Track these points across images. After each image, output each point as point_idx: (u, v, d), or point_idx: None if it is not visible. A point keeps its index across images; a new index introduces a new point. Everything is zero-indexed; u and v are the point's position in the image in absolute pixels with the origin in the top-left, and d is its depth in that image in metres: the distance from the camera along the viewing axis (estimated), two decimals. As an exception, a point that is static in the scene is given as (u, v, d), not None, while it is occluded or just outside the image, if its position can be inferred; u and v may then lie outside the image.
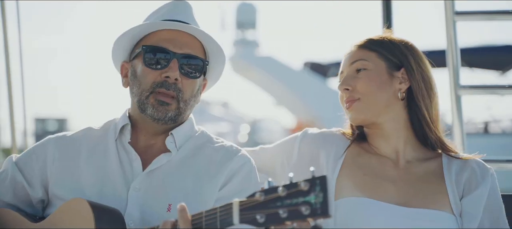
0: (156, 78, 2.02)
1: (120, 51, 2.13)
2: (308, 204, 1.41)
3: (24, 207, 2.11)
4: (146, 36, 2.08)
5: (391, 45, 2.18)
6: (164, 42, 2.03)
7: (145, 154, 2.06)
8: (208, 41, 2.10)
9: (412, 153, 2.16)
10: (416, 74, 2.14)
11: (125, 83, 2.14)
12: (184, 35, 2.06)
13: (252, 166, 2.10)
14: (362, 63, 2.15)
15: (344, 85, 2.16)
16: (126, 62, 2.14)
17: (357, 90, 2.13)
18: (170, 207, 1.94)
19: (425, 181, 2.10)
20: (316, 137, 2.26)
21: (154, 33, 2.07)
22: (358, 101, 2.12)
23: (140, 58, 2.06)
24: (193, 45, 2.07)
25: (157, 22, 2.06)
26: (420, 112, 2.13)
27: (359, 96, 2.12)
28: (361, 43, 2.20)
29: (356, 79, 2.14)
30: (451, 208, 2.04)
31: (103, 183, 2.01)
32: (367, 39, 2.21)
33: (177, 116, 2.04)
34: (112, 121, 2.18)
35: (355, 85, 2.13)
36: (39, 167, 2.09)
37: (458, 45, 3.16)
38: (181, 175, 2.02)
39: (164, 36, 2.05)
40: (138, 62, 2.07)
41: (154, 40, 2.05)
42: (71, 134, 2.17)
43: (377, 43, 2.19)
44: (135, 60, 2.09)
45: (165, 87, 2.01)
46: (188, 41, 2.06)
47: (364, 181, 2.09)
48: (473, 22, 3.28)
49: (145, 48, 2.04)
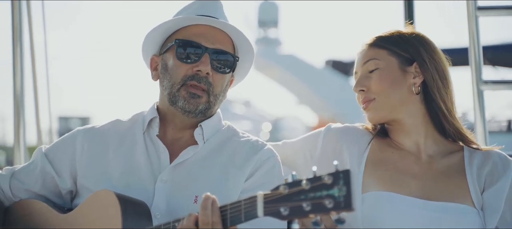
0: (188, 72, 2.05)
1: (151, 45, 2.17)
2: (332, 197, 1.43)
3: (53, 197, 2.16)
4: (178, 30, 2.12)
5: (401, 40, 2.19)
6: (196, 37, 2.07)
7: (173, 147, 2.09)
8: (238, 37, 2.14)
9: (434, 147, 2.17)
10: (429, 67, 2.15)
11: (154, 76, 2.18)
12: (215, 30, 2.10)
13: (277, 160, 2.13)
14: (374, 62, 2.17)
15: (358, 87, 2.19)
16: (156, 55, 2.18)
17: (371, 90, 2.16)
18: (196, 199, 1.98)
19: (447, 175, 2.11)
20: (340, 131, 2.28)
21: (186, 28, 2.11)
22: (373, 101, 2.15)
23: (172, 51, 2.09)
24: (224, 41, 2.11)
25: (191, 16, 2.09)
26: (436, 105, 2.14)
27: (374, 96, 2.15)
28: (371, 41, 2.22)
29: (369, 79, 2.16)
30: (473, 201, 2.06)
31: (130, 175, 2.05)
32: (377, 36, 2.23)
33: (207, 110, 2.08)
34: (140, 113, 2.22)
35: (369, 85, 2.16)
36: (68, 158, 2.14)
37: (481, 40, 3.15)
38: (207, 167, 2.06)
39: (196, 31, 2.09)
40: (170, 55, 2.10)
41: (186, 34, 2.09)
42: (100, 126, 2.21)
43: (387, 39, 2.20)
44: (166, 53, 2.13)
45: (197, 80, 2.04)
46: (220, 37, 2.10)
47: (387, 176, 2.11)
48: (495, 17, 3.26)
49: (178, 42, 2.08)
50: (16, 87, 3.26)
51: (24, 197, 2.15)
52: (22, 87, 3.27)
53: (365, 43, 2.24)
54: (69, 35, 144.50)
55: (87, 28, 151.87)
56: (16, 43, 3.27)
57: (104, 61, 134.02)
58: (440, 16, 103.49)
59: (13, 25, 3.28)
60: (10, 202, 2.16)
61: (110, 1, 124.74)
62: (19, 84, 3.27)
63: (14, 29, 3.27)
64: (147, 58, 2.21)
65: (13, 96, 3.27)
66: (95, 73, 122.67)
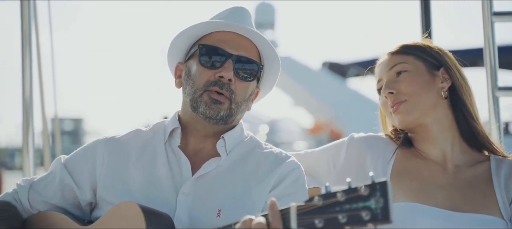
0: (210, 78, 2.01)
1: (176, 52, 2.14)
2: (369, 209, 1.38)
3: (72, 209, 2.11)
4: (203, 37, 2.09)
5: (426, 48, 2.19)
6: (220, 43, 2.03)
7: (194, 158, 2.05)
8: (264, 46, 2.10)
9: (460, 156, 2.14)
10: (455, 72, 2.15)
11: (178, 83, 2.14)
12: (241, 38, 2.06)
13: (302, 172, 2.09)
14: (402, 66, 2.15)
15: (387, 89, 2.14)
16: (181, 63, 2.15)
17: (402, 92, 2.11)
18: (219, 213, 1.93)
19: (474, 186, 2.08)
20: (363, 141, 2.24)
21: (211, 34, 2.07)
22: (404, 102, 2.10)
23: (196, 57, 2.06)
24: (249, 49, 2.07)
25: (215, 21, 2.06)
26: (465, 109, 2.12)
27: (405, 98, 2.11)
28: (395, 49, 2.21)
29: (398, 82, 2.13)
30: (501, 213, 2.02)
31: (151, 186, 2.00)
32: (401, 45, 2.21)
33: (228, 117, 2.03)
34: (161, 123, 2.17)
35: (399, 87, 2.12)
36: (88, 169, 2.09)
37: (496, 46, 3.12)
38: (230, 180, 2.01)
39: (221, 37, 2.05)
40: (193, 61, 2.07)
41: (210, 40, 2.06)
42: (120, 136, 2.16)
43: (412, 47, 2.20)
44: (190, 60, 2.09)
45: (219, 86, 2.00)
46: (245, 44, 2.06)
47: (413, 186, 2.08)
48: (510, 23, 3.23)
49: (201, 47, 2.04)
50: (25, 91, 3.21)
51: (42, 209, 2.10)
52: (31, 90, 3.22)
53: (388, 52, 2.22)
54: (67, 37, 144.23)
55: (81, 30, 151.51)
56: (25, 47, 3.21)
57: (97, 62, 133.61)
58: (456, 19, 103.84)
59: (22, 28, 3.22)
60: (29, 214, 2.11)
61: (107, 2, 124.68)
62: (28, 88, 3.21)
63: (23, 33, 3.22)
64: (173, 66, 2.17)
65: (22, 99, 3.21)
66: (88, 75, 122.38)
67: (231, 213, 1.93)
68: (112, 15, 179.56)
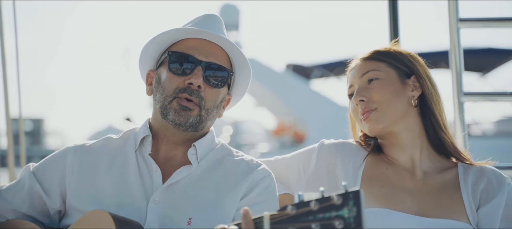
0: (180, 84, 2.00)
1: (148, 59, 2.12)
2: (342, 218, 1.38)
3: (41, 218, 2.08)
4: (174, 44, 2.08)
5: (398, 55, 2.19)
6: (190, 50, 2.02)
7: (165, 166, 2.03)
8: (234, 53, 2.09)
9: (428, 163, 2.15)
10: (426, 81, 2.16)
11: (148, 91, 2.13)
12: (211, 44, 2.05)
13: (272, 180, 2.09)
14: (374, 73, 2.15)
15: (358, 97, 2.14)
16: (152, 71, 2.13)
17: (373, 100, 2.12)
18: (190, 221, 1.92)
19: (442, 191, 2.10)
20: (333, 147, 2.24)
21: (182, 41, 2.06)
22: (375, 111, 2.11)
23: (166, 64, 2.05)
24: (219, 55, 2.06)
25: (182, 28, 2.05)
26: (434, 118, 2.14)
27: (376, 106, 2.11)
28: (368, 55, 2.21)
29: (369, 90, 2.13)
30: (468, 218, 2.04)
31: (122, 194, 1.98)
32: (373, 51, 2.22)
33: (198, 123, 2.02)
34: (132, 130, 2.15)
35: (370, 95, 2.12)
36: (58, 177, 2.06)
37: (462, 51, 3.15)
38: (201, 188, 2.00)
39: (191, 44, 2.04)
40: (163, 69, 2.05)
41: (180, 47, 2.05)
42: (91, 144, 2.14)
43: (384, 53, 2.20)
44: (161, 67, 2.08)
45: (188, 93, 1.99)
46: (215, 51, 2.05)
47: (383, 192, 2.09)
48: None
49: (171, 54, 2.03)
50: None
51: (10, 218, 2.06)
52: (6, 91, 3.17)
53: (360, 57, 2.22)
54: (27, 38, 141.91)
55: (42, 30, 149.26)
56: None
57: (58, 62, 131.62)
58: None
59: None
60: None
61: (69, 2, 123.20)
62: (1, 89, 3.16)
63: None
64: (144, 73, 2.15)
65: None
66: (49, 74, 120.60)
67: (202, 221, 1.92)
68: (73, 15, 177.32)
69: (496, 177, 2.12)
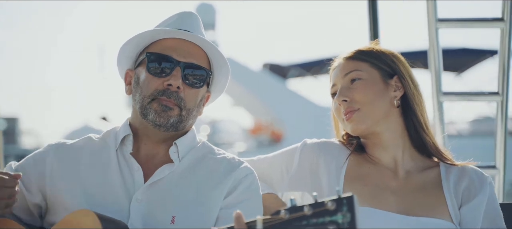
0: (159, 86, 1.99)
1: (125, 59, 2.11)
2: (335, 223, 1.39)
3: (23, 215, 2.07)
4: (151, 44, 2.06)
5: (381, 55, 2.20)
6: (168, 50, 2.01)
7: (147, 165, 2.03)
8: (212, 52, 2.08)
9: (411, 163, 2.17)
10: (408, 81, 2.17)
11: (128, 90, 2.12)
12: (189, 44, 2.04)
13: (255, 178, 2.09)
14: (357, 73, 2.16)
15: (341, 97, 2.15)
16: (131, 70, 2.12)
17: (355, 101, 2.13)
18: (173, 219, 1.91)
19: (424, 190, 2.11)
20: (316, 147, 2.25)
21: (160, 42, 2.05)
22: (358, 111, 2.12)
23: (144, 65, 2.04)
24: (197, 55, 2.05)
25: (160, 29, 2.04)
26: (416, 118, 2.15)
27: (358, 106, 2.12)
28: (351, 54, 2.21)
29: (352, 90, 2.14)
30: (451, 217, 2.06)
31: (104, 194, 1.97)
32: (356, 50, 2.22)
33: (179, 123, 2.01)
34: (112, 130, 2.14)
35: (353, 95, 2.13)
36: (38, 173, 2.05)
37: (441, 51, 3.20)
38: (183, 186, 1.99)
39: (169, 44, 2.03)
40: (142, 69, 2.05)
41: (158, 48, 2.04)
42: (71, 143, 2.13)
43: (367, 53, 2.20)
44: (139, 67, 2.07)
45: (167, 95, 1.98)
46: (193, 51, 2.05)
47: (366, 191, 2.10)
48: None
49: (149, 55, 2.02)
50: None
51: None
52: None
53: (343, 57, 2.22)
54: None
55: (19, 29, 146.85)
56: None
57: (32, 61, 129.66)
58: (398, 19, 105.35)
59: None
60: None
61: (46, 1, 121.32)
62: None
63: None
64: (122, 72, 2.14)
65: None
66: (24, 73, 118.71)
67: (185, 219, 1.92)
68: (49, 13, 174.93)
69: (478, 176, 2.14)
